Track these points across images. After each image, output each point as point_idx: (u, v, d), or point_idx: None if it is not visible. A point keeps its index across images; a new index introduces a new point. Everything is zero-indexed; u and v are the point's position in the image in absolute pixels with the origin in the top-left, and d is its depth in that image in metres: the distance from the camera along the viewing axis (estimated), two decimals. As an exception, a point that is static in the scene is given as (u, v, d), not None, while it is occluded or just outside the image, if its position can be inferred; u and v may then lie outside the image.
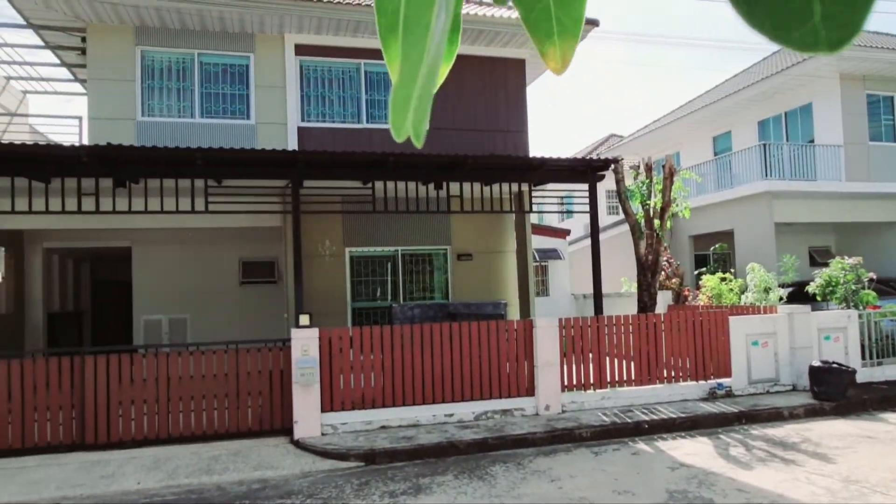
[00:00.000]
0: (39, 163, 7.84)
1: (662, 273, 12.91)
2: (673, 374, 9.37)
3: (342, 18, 11.07)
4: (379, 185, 9.35)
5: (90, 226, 10.44)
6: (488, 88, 12.49)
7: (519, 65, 12.71)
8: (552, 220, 26.54)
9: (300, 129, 11.48)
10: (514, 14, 11.46)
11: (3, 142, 7.45)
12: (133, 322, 13.16)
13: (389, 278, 12.15)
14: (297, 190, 8.58)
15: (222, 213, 8.62)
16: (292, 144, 11.24)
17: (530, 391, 8.75)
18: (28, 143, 8.30)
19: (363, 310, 11.93)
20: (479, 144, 12.08)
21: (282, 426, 8.10)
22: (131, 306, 13.27)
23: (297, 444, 7.70)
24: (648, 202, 11.26)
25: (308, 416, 7.89)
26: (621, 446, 7.56)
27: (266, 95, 11.39)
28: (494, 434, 7.73)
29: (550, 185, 10.99)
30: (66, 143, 8.53)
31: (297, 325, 8.17)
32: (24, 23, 10.74)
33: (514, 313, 12.25)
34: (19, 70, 13.08)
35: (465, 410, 8.46)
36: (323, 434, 7.94)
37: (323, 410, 8.00)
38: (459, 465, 6.92)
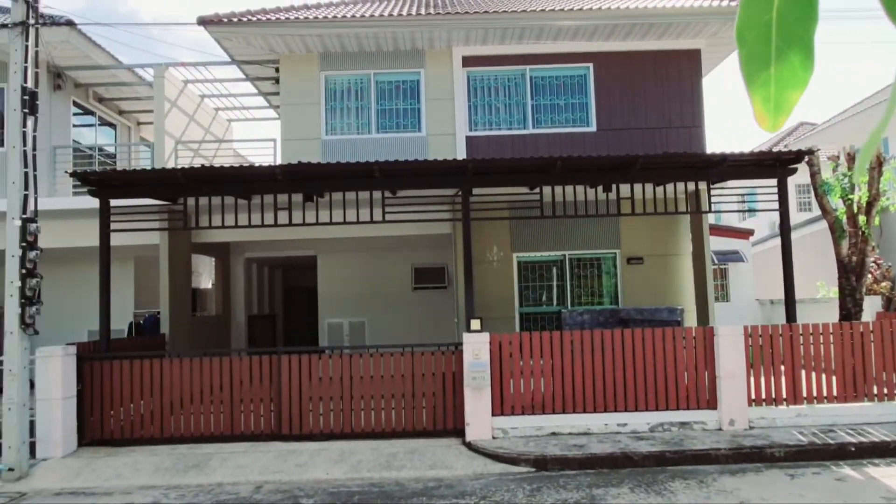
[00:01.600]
0: (244, 182, 8.86)
1: (869, 276, 11.41)
2: (885, 390, 8.22)
3: (508, 27, 11.20)
4: (546, 189, 9.29)
5: (282, 237, 11.54)
6: (660, 83, 11.92)
7: (693, 56, 11.98)
8: (731, 220, 24.61)
9: (468, 139, 11.79)
10: (687, 2, 10.84)
11: (214, 165, 8.52)
12: (318, 325, 14.35)
13: (556, 283, 12.02)
14: (466, 197, 8.81)
15: (397, 222, 9.09)
16: (461, 153, 11.57)
17: (711, 404, 8.16)
18: (233, 165, 9.39)
19: (531, 315, 11.92)
20: (651, 143, 11.55)
21: (454, 427, 8.31)
22: (317, 310, 14.47)
23: (469, 446, 7.85)
24: (851, 196, 10.02)
25: (479, 418, 8.03)
26: (822, 470, 6.77)
27: (436, 108, 11.86)
28: (672, 447, 7.31)
29: (730, 182, 10.20)
30: (263, 164, 9.55)
31: (469, 330, 8.36)
32: (230, 59, 12.22)
33: (690, 320, 11.52)
34: (225, 101, 14.90)
35: (640, 421, 8.10)
36: (494, 437, 8.03)
37: (493, 414, 8.09)
38: (635, 478, 6.64)
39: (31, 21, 7.15)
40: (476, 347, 8.09)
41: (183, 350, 10.85)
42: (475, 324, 8.39)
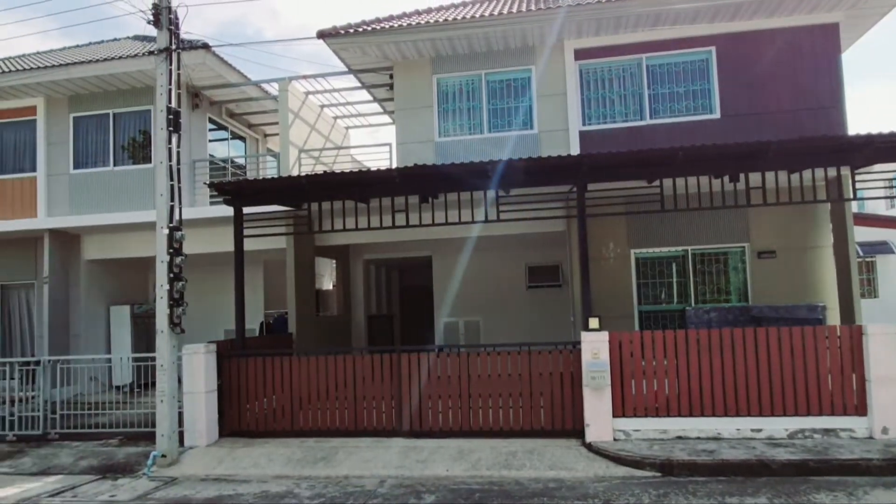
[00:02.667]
0: (363, 186, 9.19)
1: None
2: None
3: (622, 15, 10.84)
4: (666, 182, 8.89)
5: (399, 239, 11.86)
6: (792, 63, 11.04)
7: (830, 31, 10.99)
8: (878, 208, 22.35)
9: (582, 133, 11.53)
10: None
11: (334, 171, 8.92)
12: (434, 324, 14.61)
13: (677, 280, 11.47)
14: (581, 193, 8.62)
15: (510, 220, 9.05)
16: (574, 149, 11.34)
17: (860, 410, 7.45)
18: (352, 170, 9.78)
19: (650, 313, 11.46)
20: (781, 127, 10.72)
21: (572, 428, 8.16)
22: (432, 310, 14.74)
23: (589, 448, 7.67)
24: None
25: (599, 420, 7.82)
26: None
27: (547, 104, 11.70)
28: (816, 456, 6.74)
29: (877, 167, 9.25)
30: (378, 168, 9.88)
31: (586, 329, 8.17)
32: (346, 69, 12.75)
33: (833, 318, 10.58)
34: (343, 110, 15.56)
35: (776, 426, 7.55)
36: (615, 439, 7.80)
37: (614, 415, 7.85)
38: (773, 488, 6.19)
39: (174, 47, 7.83)
40: (595, 346, 7.89)
41: (308, 348, 11.44)
42: (593, 322, 8.18)
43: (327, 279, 15.53)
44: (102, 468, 8.16)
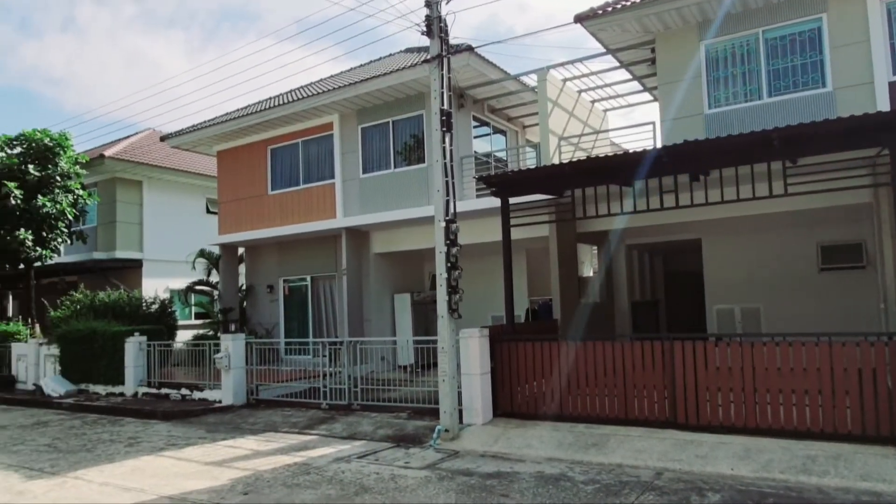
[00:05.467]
0: (626, 169, 8.90)
1: None
2: None
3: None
4: None
5: (663, 221, 11.24)
6: None
7: None
8: None
9: (892, 85, 9.66)
10: None
11: (597, 156, 8.79)
12: (706, 311, 13.58)
13: None
14: (895, 157, 7.22)
15: (797, 194, 7.98)
16: (881, 104, 9.56)
17: None
18: (614, 153, 9.52)
19: None
20: None
21: (890, 434, 6.92)
22: (701, 296, 13.72)
23: (918, 460, 6.44)
24: None
25: (930, 427, 6.51)
26: None
27: (844, 56, 10.03)
28: None
29: None
30: (641, 149, 9.43)
31: (906, 318, 6.85)
32: (604, 50, 12.46)
33: None
34: (600, 93, 15.26)
35: None
36: (953, 453, 6.43)
37: (951, 424, 6.47)
38: None
39: (444, 53, 8.45)
40: (921, 340, 6.58)
41: (573, 334, 11.48)
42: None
43: (588, 266, 15.43)
44: (396, 437, 9.19)
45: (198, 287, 20.19)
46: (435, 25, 8.46)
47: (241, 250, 18.81)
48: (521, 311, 15.01)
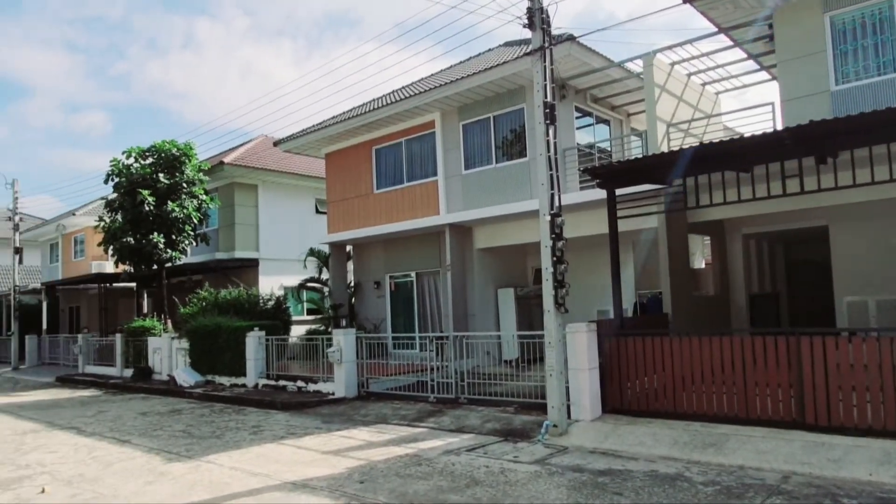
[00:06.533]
0: (743, 154, 8.40)
1: None
2: None
3: None
4: None
5: (784, 209, 10.52)
6: None
7: None
8: None
9: None
10: None
11: (712, 142, 8.34)
12: (834, 304, 12.57)
13: None
14: None
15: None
16: None
17: None
18: (729, 138, 9.02)
19: None
20: None
21: None
22: (827, 287, 12.71)
23: None
24: None
25: None
26: None
27: None
28: None
29: None
30: (762, 132, 8.81)
31: None
32: (715, 30, 11.82)
33: None
34: (712, 74, 14.47)
35: None
36: None
37: None
38: None
39: (546, 44, 8.34)
40: None
41: (685, 328, 10.99)
42: None
43: (699, 257, 14.73)
44: (503, 431, 9.20)
45: (309, 284, 21.17)
46: (537, 17, 8.36)
47: (349, 248, 19.51)
48: (628, 305, 14.57)
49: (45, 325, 28.67)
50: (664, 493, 6.13)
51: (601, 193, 10.08)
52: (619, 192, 10.03)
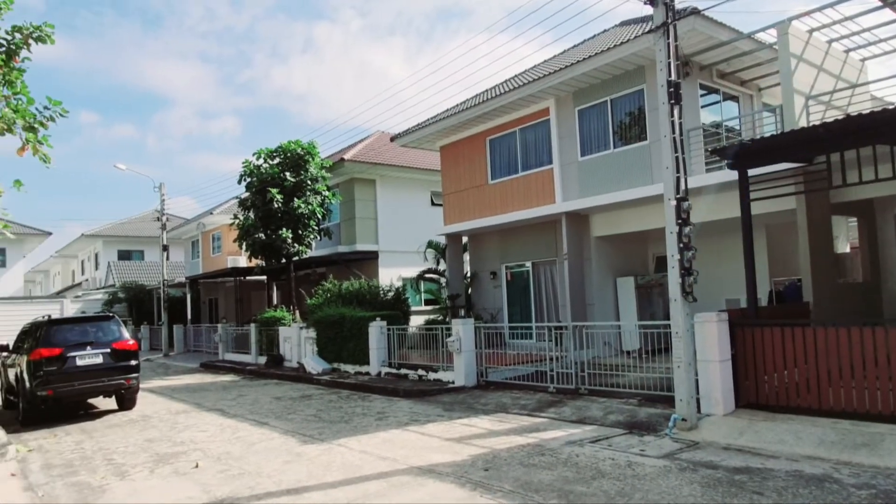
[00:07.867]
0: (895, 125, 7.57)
1: None
2: None
3: None
4: None
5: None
6: None
7: None
8: None
9: None
10: None
11: (859, 114, 7.57)
12: None
13: None
14: None
15: None
16: None
17: None
18: (878, 109, 8.15)
19: None
20: None
21: None
22: None
23: None
24: None
25: None
26: None
27: None
28: None
29: None
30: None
31: None
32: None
33: None
34: (857, 39, 13.09)
35: None
36: None
37: None
38: None
39: (669, 20, 7.93)
40: None
41: (829, 318, 10.11)
42: None
43: (844, 240, 13.49)
44: (627, 424, 8.92)
45: (427, 275, 21.61)
46: (659, -8, 7.96)
47: (464, 239, 19.70)
48: (762, 294, 13.64)
49: (189, 316, 31.38)
50: (810, 495, 5.69)
51: (728, 175, 9.49)
52: (751, 172, 9.36)
